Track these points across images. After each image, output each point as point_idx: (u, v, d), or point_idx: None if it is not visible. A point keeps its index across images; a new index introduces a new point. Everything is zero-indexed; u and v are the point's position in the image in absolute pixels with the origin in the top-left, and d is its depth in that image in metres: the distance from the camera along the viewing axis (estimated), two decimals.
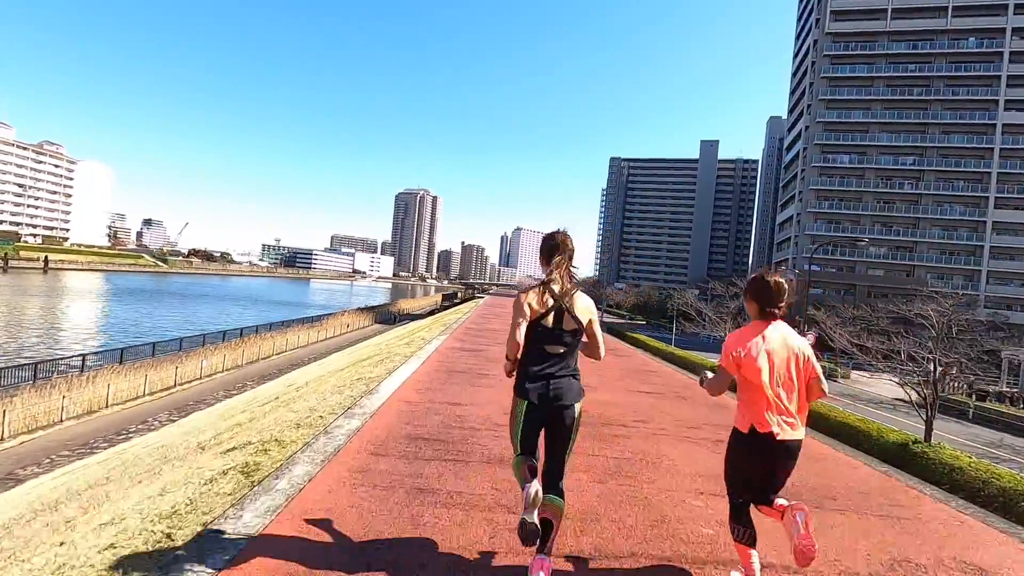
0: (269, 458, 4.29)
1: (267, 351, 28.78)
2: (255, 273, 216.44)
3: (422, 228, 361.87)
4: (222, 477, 3.91)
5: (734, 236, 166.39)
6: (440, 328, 16.19)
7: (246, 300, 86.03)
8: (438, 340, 11.09)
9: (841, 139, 63.21)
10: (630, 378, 10.66)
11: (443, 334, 11.72)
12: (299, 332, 35.82)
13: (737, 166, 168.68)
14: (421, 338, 14.30)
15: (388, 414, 5.90)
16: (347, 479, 3.79)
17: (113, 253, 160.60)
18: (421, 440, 5.00)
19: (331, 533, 2.94)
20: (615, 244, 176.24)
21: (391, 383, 7.70)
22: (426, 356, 9.41)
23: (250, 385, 19.44)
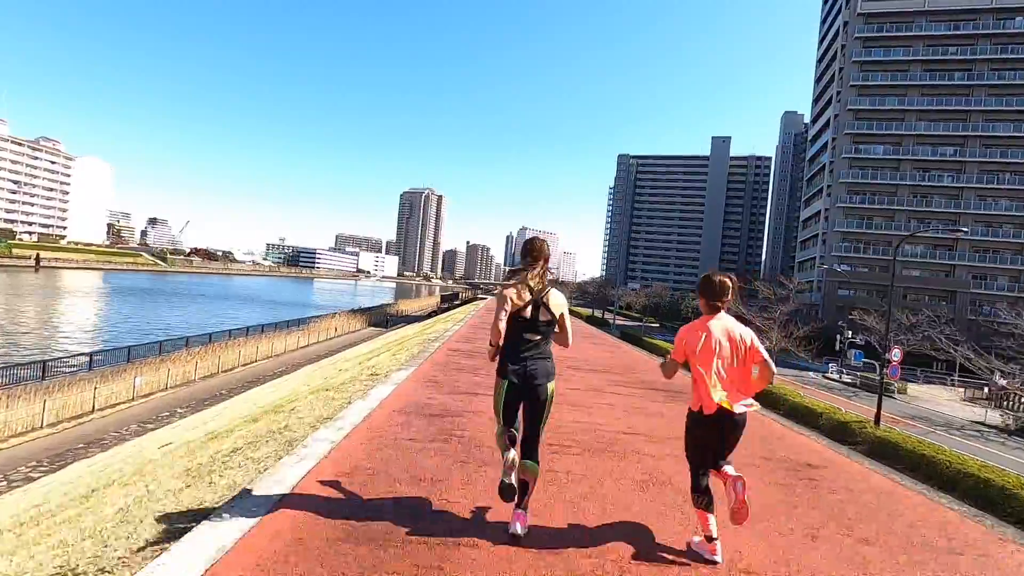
0: None
1: (231, 362, 24.55)
2: (257, 272, 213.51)
3: (427, 227, 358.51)
4: None
5: (746, 235, 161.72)
6: (418, 344, 12.00)
7: (242, 300, 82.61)
8: (401, 373, 6.94)
9: (874, 128, 58.40)
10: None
11: (410, 364, 7.52)
12: (277, 338, 31.62)
13: (750, 163, 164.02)
14: (394, 357, 10.25)
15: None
16: None
17: (111, 251, 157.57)
18: None
19: None
20: (623, 243, 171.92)
21: (298, 467, 3.63)
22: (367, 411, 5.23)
23: (180, 413, 15.18)
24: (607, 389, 8.36)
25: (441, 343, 11.35)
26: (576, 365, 10.94)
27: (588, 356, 13.06)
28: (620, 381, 9.51)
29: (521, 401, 3.05)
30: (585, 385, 8.56)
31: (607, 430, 5.61)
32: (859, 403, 26.56)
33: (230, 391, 18.34)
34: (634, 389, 8.64)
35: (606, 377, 9.65)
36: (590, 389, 8.15)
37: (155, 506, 3.59)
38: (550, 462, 4.36)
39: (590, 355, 13.46)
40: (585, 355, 13.22)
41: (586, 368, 10.51)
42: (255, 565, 2.41)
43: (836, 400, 25.60)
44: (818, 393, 27.21)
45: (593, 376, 9.48)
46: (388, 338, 19.77)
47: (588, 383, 8.74)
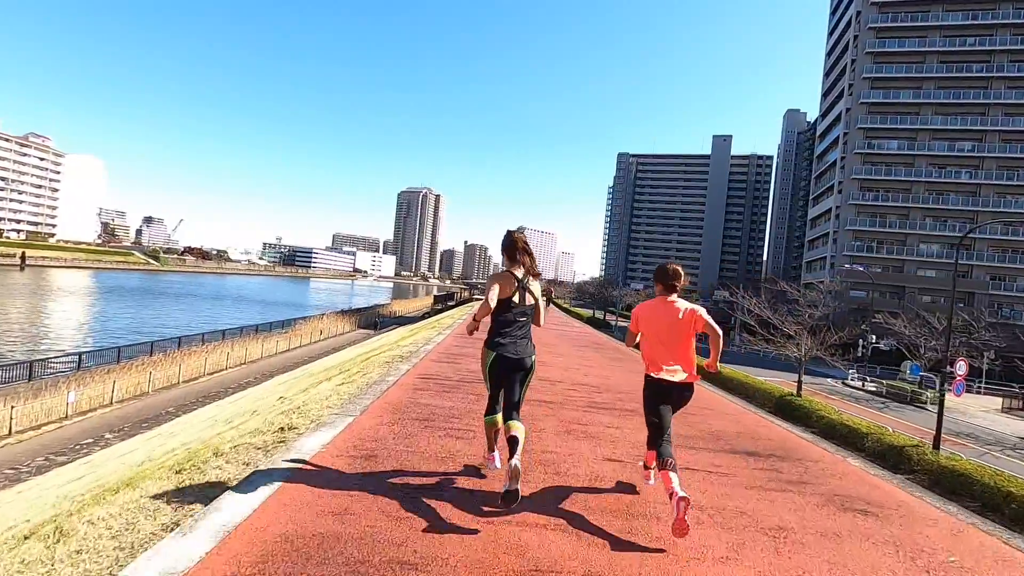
0: None
1: (195, 370, 21.94)
2: (253, 272, 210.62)
3: (425, 227, 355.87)
4: None
5: (747, 234, 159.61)
6: (386, 360, 9.40)
7: (233, 300, 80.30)
8: (321, 436, 4.08)
9: (888, 123, 55.95)
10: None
11: (353, 403, 4.61)
12: (253, 343, 29.02)
13: (751, 162, 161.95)
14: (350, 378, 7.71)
15: None
16: None
17: (101, 250, 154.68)
18: None
19: None
20: (623, 243, 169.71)
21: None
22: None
23: (107, 440, 12.58)
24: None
25: (414, 362, 8.80)
26: (584, 386, 8.39)
27: (598, 373, 10.45)
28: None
29: (507, 371, 3.50)
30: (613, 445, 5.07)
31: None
32: (892, 416, 24.06)
33: (179, 408, 15.76)
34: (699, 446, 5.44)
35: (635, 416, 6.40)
36: (630, 454, 4.76)
37: None
38: None
39: (599, 371, 10.85)
40: (594, 371, 10.61)
41: (602, 402, 7.21)
42: None
43: (865, 412, 23.14)
44: (843, 404, 24.70)
45: (616, 418, 6.25)
46: (360, 349, 17.24)
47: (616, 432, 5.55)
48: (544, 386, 7.85)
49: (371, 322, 43.29)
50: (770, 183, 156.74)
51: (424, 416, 5.26)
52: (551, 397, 7.11)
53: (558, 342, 16.81)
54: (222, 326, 41.30)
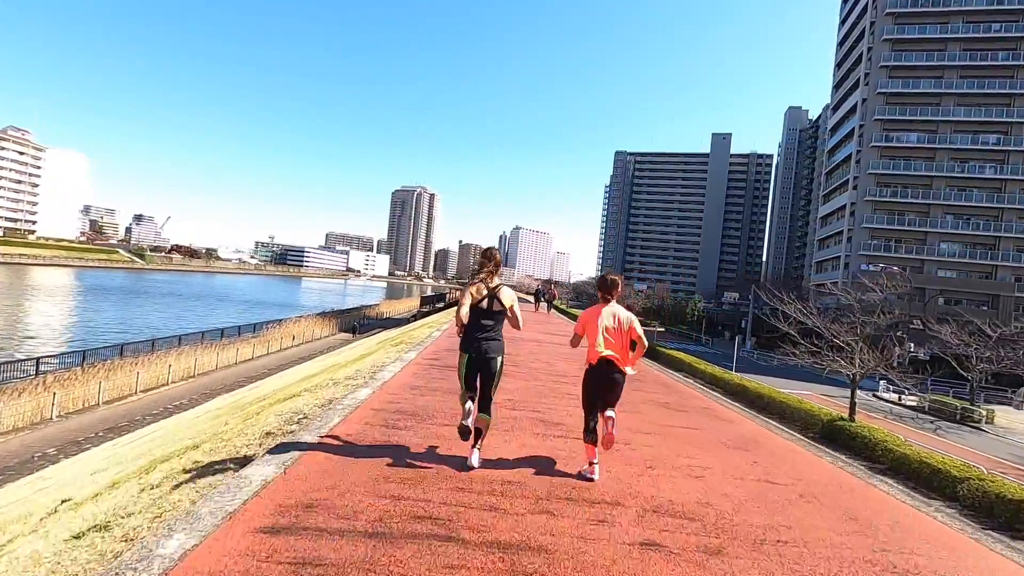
0: None
1: (122, 388, 18.18)
2: (243, 271, 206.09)
3: (419, 226, 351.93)
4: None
5: (747, 234, 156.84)
6: (345, 383, 6.06)
7: (217, 300, 76.70)
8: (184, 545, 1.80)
9: (907, 114, 52.67)
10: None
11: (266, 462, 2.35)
12: (209, 352, 25.27)
13: (751, 160, 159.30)
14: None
15: None
16: None
17: (83, 248, 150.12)
18: None
19: None
20: (620, 243, 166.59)
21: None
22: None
23: None
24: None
25: (376, 387, 5.71)
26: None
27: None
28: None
29: (479, 369, 4.09)
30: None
31: None
32: (953, 442, 20.59)
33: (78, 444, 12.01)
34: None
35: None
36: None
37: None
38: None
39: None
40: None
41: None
42: None
43: (916, 435, 19.68)
44: (886, 424, 21.25)
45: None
46: (325, 362, 13.66)
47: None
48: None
49: (355, 325, 39.39)
50: (770, 182, 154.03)
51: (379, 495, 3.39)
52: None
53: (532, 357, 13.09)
54: (188, 329, 37.58)
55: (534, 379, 8.33)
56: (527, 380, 8.14)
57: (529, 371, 9.17)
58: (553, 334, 17.62)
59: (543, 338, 15.62)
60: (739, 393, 11.97)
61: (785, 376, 33.79)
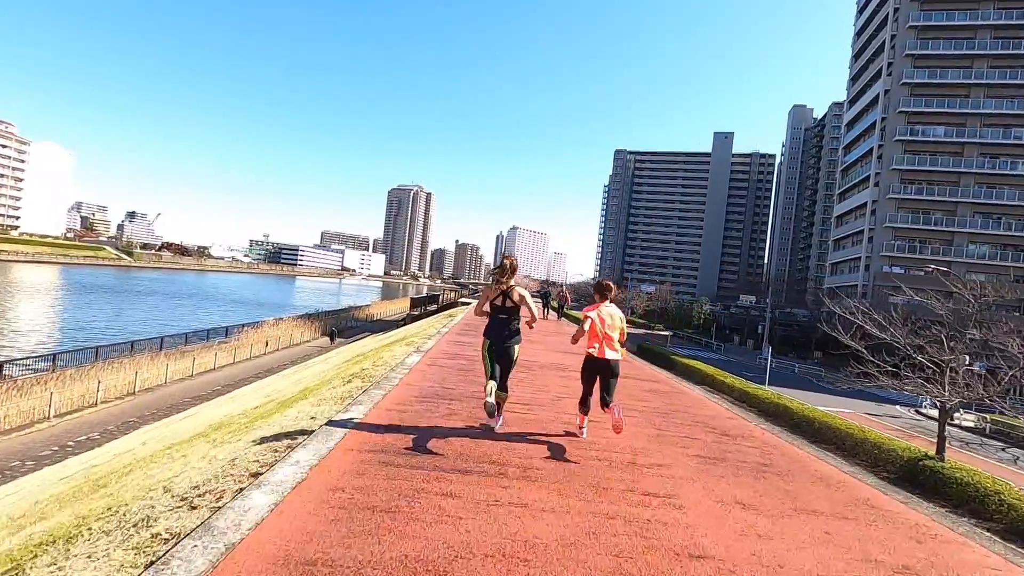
0: None
1: (34, 410, 14.52)
2: (235, 269, 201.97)
3: (415, 225, 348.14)
4: None
5: (749, 235, 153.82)
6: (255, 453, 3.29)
7: (202, 299, 73.51)
8: None
9: (934, 106, 49.36)
10: None
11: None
12: (166, 361, 21.61)
13: (753, 160, 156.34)
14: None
15: None
16: None
17: (68, 244, 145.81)
18: None
19: None
20: (619, 243, 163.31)
21: None
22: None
23: None
24: None
25: (311, 464, 3.04)
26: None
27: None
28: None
29: (499, 355, 4.92)
30: None
31: None
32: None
33: None
34: None
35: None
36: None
37: None
38: None
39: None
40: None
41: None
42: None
43: (994, 467, 16.22)
44: (950, 453, 17.77)
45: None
46: (277, 385, 10.14)
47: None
48: None
49: (340, 328, 35.56)
50: (772, 182, 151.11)
51: None
52: None
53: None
54: (152, 333, 33.95)
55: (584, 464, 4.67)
56: (570, 471, 4.44)
57: (556, 423, 5.69)
58: (580, 355, 13.82)
59: (568, 361, 11.17)
60: (778, 415, 9.36)
61: (807, 388, 30.43)
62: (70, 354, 21.00)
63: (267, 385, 11.67)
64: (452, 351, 10.08)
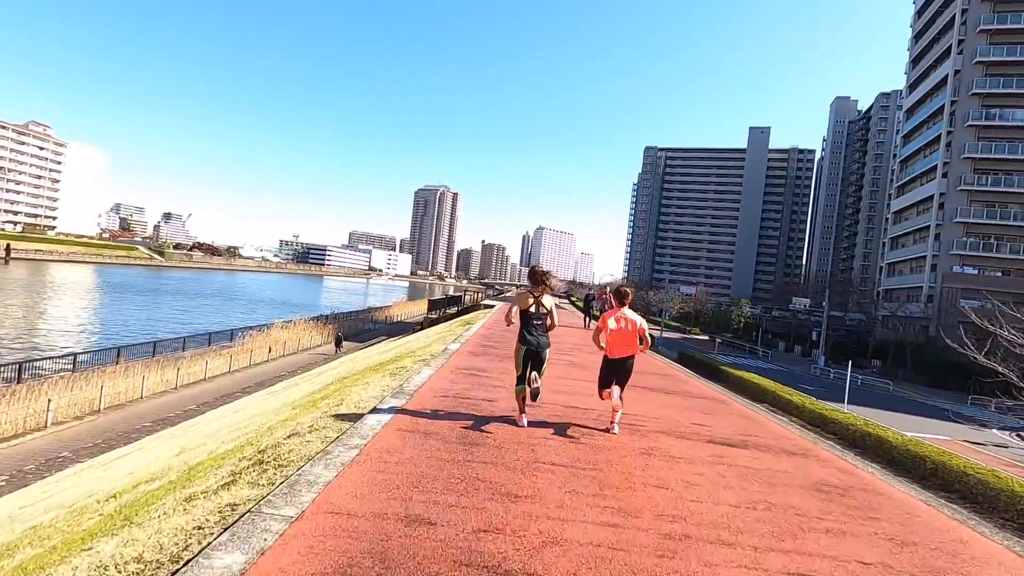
0: None
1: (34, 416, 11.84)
2: (263, 269, 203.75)
3: (441, 225, 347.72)
4: None
5: (786, 235, 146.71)
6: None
7: (225, 299, 72.20)
8: None
9: (1013, 86, 44.14)
10: None
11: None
12: (145, 371, 19.01)
13: (791, 156, 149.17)
14: None
15: None
16: None
17: (102, 244, 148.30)
18: None
19: None
20: (649, 243, 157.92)
21: None
22: None
23: None
24: None
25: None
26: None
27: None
28: None
29: (531, 358, 5.22)
30: None
31: None
32: None
33: None
34: None
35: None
36: None
37: None
38: None
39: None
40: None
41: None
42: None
43: None
44: None
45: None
46: (227, 421, 7.18)
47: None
48: None
49: (336, 337, 32.50)
50: (811, 179, 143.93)
51: None
52: None
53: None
54: (168, 333, 31.95)
55: None
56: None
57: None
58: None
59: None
60: (867, 446, 7.15)
61: (872, 404, 26.28)
62: (37, 363, 18.55)
63: (186, 432, 8.64)
64: (457, 390, 6.71)
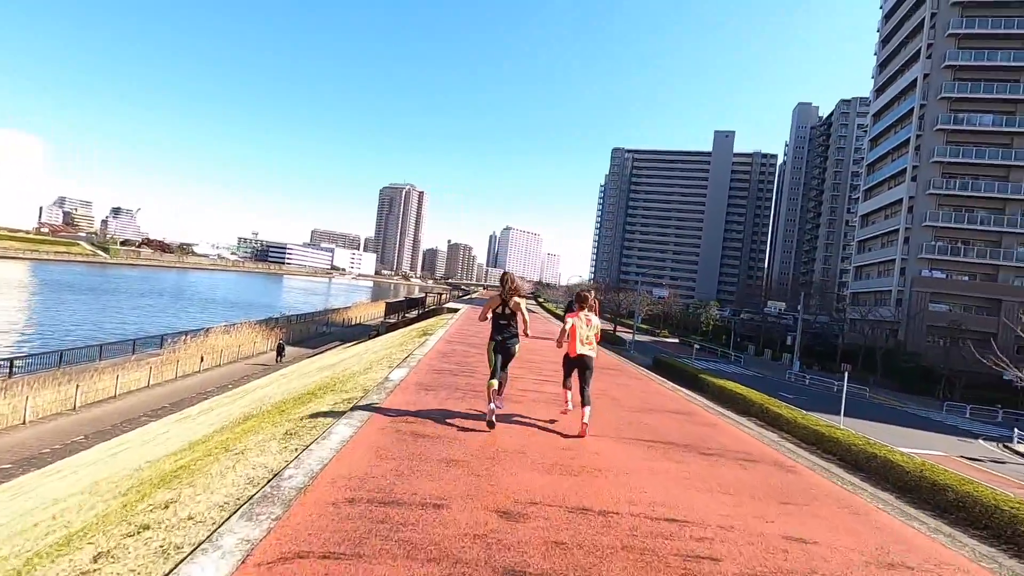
0: None
1: None
2: (219, 267, 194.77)
3: (407, 224, 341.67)
4: None
5: (749, 237, 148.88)
6: None
7: (171, 298, 67.05)
8: None
9: (981, 91, 44.22)
10: None
11: None
12: (43, 387, 15.72)
13: (754, 160, 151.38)
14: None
15: None
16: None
17: (38, 239, 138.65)
18: None
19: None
20: (616, 244, 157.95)
21: None
22: None
23: None
24: None
25: None
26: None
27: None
28: None
29: (501, 353, 5.73)
30: None
31: None
32: None
33: None
34: None
35: None
36: None
37: None
38: None
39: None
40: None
41: None
42: None
43: None
44: None
45: None
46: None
47: None
48: None
49: (278, 345, 29.06)
50: (774, 183, 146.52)
51: None
52: None
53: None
54: (87, 339, 28.24)
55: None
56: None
57: None
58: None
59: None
60: (872, 470, 6.04)
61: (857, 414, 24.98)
62: None
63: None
64: (381, 487, 2.95)
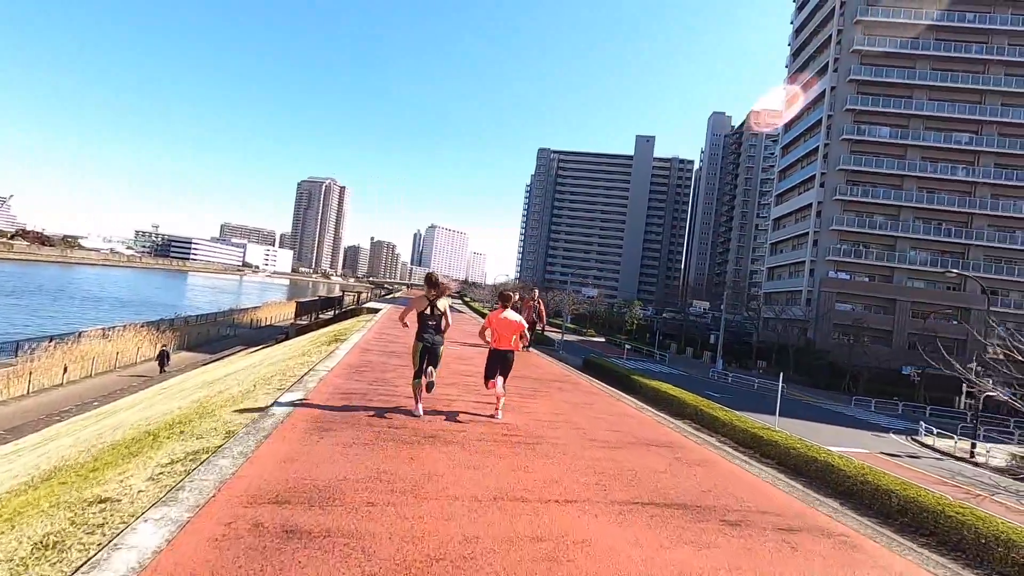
0: None
1: None
2: (112, 263, 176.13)
3: (327, 220, 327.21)
4: None
5: (668, 239, 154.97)
6: None
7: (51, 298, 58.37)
8: None
9: (880, 105, 47.46)
10: None
11: None
12: None
13: (673, 165, 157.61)
14: None
15: None
16: None
17: None
18: None
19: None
20: (542, 244, 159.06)
21: None
22: None
23: None
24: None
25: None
26: None
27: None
28: None
29: (427, 354, 5.84)
30: None
31: None
32: None
33: None
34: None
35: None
36: None
37: None
38: None
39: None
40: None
41: None
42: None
43: None
44: (996, 508, 12.21)
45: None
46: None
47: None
48: None
49: (159, 353, 24.87)
50: (691, 188, 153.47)
51: None
52: None
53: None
54: None
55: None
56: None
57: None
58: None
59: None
60: (810, 474, 5.86)
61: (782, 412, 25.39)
62: None
63: None
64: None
